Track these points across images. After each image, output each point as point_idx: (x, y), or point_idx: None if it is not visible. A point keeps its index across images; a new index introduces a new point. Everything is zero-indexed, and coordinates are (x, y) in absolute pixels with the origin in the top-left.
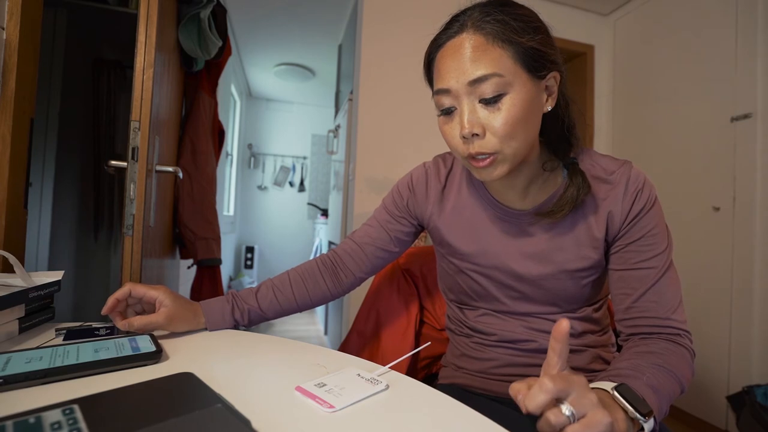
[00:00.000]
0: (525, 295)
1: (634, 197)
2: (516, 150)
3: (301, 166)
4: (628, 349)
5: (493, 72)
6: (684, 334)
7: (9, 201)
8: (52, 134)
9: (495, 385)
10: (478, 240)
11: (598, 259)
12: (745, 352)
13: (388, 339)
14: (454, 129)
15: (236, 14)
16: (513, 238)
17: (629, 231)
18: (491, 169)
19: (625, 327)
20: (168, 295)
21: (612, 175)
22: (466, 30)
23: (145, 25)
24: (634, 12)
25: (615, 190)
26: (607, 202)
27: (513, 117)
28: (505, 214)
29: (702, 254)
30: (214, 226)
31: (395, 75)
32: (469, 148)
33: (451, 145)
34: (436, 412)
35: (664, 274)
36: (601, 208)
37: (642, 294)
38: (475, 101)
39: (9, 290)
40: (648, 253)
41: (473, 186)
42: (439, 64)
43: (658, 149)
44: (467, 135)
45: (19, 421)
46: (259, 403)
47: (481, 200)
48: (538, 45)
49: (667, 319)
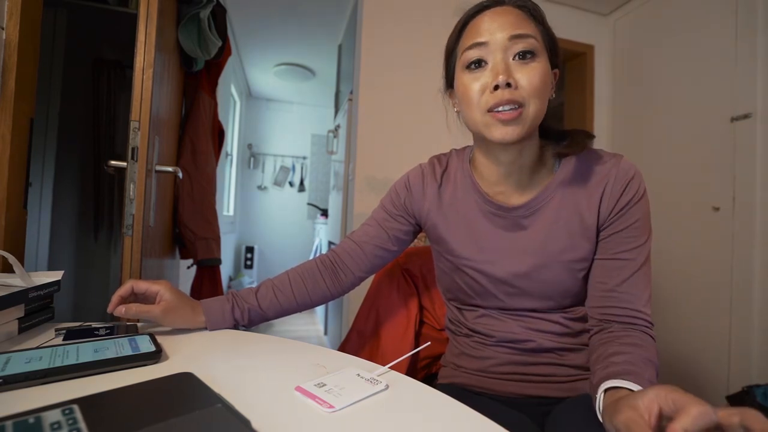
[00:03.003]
0: (521, 290)
1: (623, 188)
2: (537, 111)
3: (301, 166)
4: (615, 339)
5: (533, 34)
6: (652, 327)
7: (9, 201)
8: (52, 134)
9: (495, 384)
10: (473, 236)
11: (590, 248)
12: (745, 352)
13: (387, 339)
14: (481, 81)
15: (236, 14)
16: (507, 233)
17: (616, 221)
18: (515, 123)
19: (598, 313)
20: (168, 290)
21: (602, 165)
22: (509, 3)
23: (145, 25)
24: (634, 12)
25: (605, 180)
26: (598, 192)
27: (541, 78)
28: (498, 208)
29: (702, 254)
30: (214, 226)
31: (395, 75)
32: (498, 96)
33: (473, 100)
34: (435, 412)
35: (641, 267)
36: (592, 198)
37: (619, 284)
38: (509, 58)
39: (8, 290)
40: (630, 244)
41: (468, 184)
42: (479, 22)
43: (658, 149)
44: (502, 83)
45: (18, 421)
46: (259, 403)
47: (476, 198)
48: (554, 36)
49: (639, 311)
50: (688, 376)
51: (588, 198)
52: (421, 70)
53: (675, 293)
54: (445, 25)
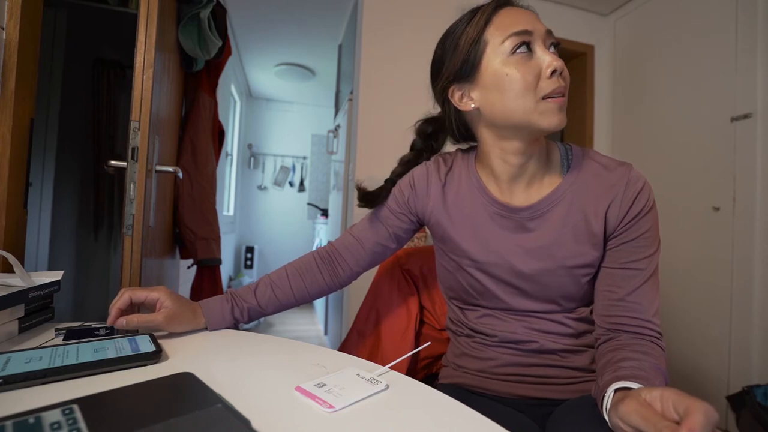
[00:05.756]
0: (524, 291)
1: (633, 198)
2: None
3: (301, 166)
4: (625, 347)
5: None
6: (661, 338)
7: (9, 201)
8: (52, 134)
9: (496, 385)
10: (477, 236)
11: (597, 255)
12: (745, 352)
13: (388, 339)
14: (536, 67)
15: (236, 14)
16: (512, 234)
17: (626, 231)
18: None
19: (606, 322)
20: (168, 296)
21: (612, 173)
22: (524, 4)
23: (145, 25)
24: (634, 12)
25: (614, 189)
26: (606, 199)
27: None
28: (503, 209)
29: (702, 254)
30: (214, 226)
31: (395, 75)
32: (558, 82)
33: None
34: (435, 412)
35: (651, 277)
36: (600, 206)
37: (629, 293)
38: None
39: (8, 290)
40: (640, 254)
41: (472, 184)
42: (510, 13)
43: (658, 149)
44: (560, 68)
45: (18, 421)
46: (259, 403)
47: (481, 198)
48: None
49: (649, 321)
50: (688, 375)
51: (596, 205)
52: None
53: (675, 293)
54: (445, 25)
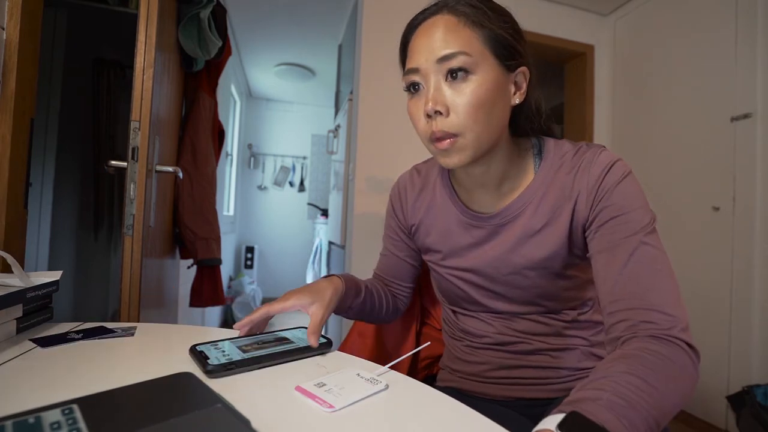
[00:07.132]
0: (501, 295)
1: (600, 180)
2: (478, 135)
3: (301, 166)
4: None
5: (460, 50)
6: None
7: (9, 201)
8: (52, 134)
9: (489, 388)
10: (450, 243)
11: (574, 252)
12: (744, 352)
13: (388, 339)
14: (420, 108)
15: (236, 14)
16: (485, 241)
17: (600, 212)
18: (452, 152)
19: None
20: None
21: (579, 158)
22: (440, 12)
23: (145, 25)
24: (634, 12)
25: (584, 178)
26: (576, 190)
27: (477, 98)
28: (473, 218)
29: (702, 254)
30: (214, 226)
31: (395, 75)
32: (432, 126)
33: (417, 126)
34: (435, 411)
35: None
36: (572, 199)
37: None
38: (441, 80)
39: (6, 290)
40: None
41: (445, 190)
42: (413, 44)
43: (658, 149)
44: (430, 112)
45: (18, 421)
46: (259, 403)
47: (454, 208)
48: (507, 34)
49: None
50: None
51: (568, 199)
52: None
53: None
54: None
